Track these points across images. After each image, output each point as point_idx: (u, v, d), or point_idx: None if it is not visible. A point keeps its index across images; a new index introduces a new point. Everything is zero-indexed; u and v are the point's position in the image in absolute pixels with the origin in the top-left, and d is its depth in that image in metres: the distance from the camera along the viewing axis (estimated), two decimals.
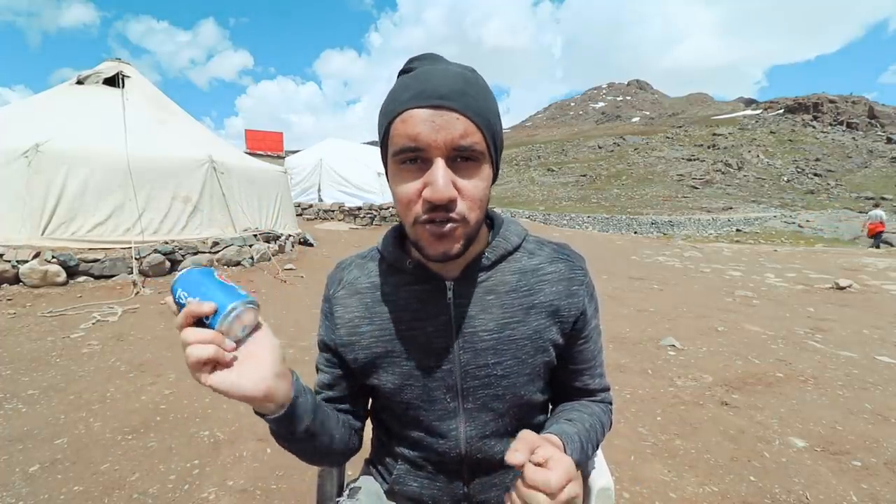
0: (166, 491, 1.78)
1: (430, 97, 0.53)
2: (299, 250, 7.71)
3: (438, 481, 0.73)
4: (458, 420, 0.69)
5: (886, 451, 2.12)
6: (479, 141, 0.55)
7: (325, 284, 0.76)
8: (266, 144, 22.45)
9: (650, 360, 3.33)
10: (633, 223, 32.73)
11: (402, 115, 0.55)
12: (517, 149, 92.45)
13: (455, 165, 0.55)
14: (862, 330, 4.18)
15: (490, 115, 0.57)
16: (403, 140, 0.55)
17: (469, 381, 0.67)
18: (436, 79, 0.55)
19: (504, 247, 0.69)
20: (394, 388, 0.70)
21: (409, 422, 0.72)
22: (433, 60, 0.59)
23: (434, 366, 0.67)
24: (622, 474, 1.92)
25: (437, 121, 0.53)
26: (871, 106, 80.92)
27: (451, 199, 0.54)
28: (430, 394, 0.68)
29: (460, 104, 0.54)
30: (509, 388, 0.68)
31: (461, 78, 0.56)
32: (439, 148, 0.53)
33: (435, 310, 0.67)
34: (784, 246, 16.42)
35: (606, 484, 0.80)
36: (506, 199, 50.80)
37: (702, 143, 72.97)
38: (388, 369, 0.69)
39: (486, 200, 0.59)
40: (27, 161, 5.00)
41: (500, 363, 0.66)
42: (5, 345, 3.28)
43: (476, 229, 0.59)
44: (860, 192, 45.94)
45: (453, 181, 0.55)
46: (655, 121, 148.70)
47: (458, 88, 0.54)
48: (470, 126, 0.54)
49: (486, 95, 0.58)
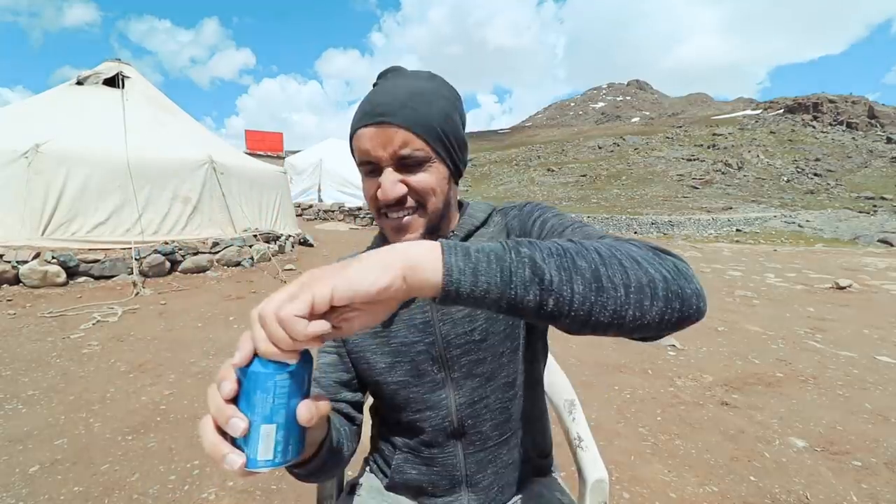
0: (166, 491, 1.78)
1: (373, 115, 0.63)
2: (299, 250, 7.71)
3: (436, 465, 0.76)
4: (447, 389, 0.74)
5: (886, 451, 2.12)
6: (421, 147, 0.64)
7: None
8: (266, 145, 22.45)
9: (650, 360, 3.33)
10: (633, 223, 32.73)
11: (356, 133, 0.66)
12: (517, 149, 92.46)
13: (404, 169, 0.65)
14: (862, 330, 4.18)
15: (433, 122, 0.64)
16: (359, 154, 0.66)
17: (452, 351, 0.73)
18: (380, 97, 0.64)
19: (471, 223, 0.75)
20: (385, 367, 0.75)
21: (403, 402, 0.76)
22: (394, 75, 0.69)
23: (418, 340, 0.73)
24: (622, 474, 1.92)
25: (380, 137, 0.63)
26: (870, 106, 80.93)
27: (398, 197, 0.64)
28: (418, 367, 0.74)
29: (399, 118, 0.62)
30: (488, 350, 0.73)
31: (406, 92, 0.64)
32: (385, 159, 0.64)
33: None
34: (784, 246, 16.41)
35: (601, 476, 0.81)
36: (506, 200, 50.79)
37: (702, 143, 72.98)
38: (379, 349, 0.75)
39: (441, 189, 0.67)
40: (27, 161, 5.00)
41: (475, 328, 0.72)
42: (5, 345, 3.28)
43: (436, 216, 0.68)
44: (860, 192, 45.92)
45: (403, 180, 0.64)
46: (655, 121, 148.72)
47: (400, 103, 0.63)
48: (409, 136, 0.63)
49: (433, 102, 0.65)
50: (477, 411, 0.74)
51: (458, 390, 0.74)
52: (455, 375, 0.73)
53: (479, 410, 0.74)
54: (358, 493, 0.81)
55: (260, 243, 6.50)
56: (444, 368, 0.73)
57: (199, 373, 2.93)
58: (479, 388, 0.74)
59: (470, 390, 0.74)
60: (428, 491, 0.78)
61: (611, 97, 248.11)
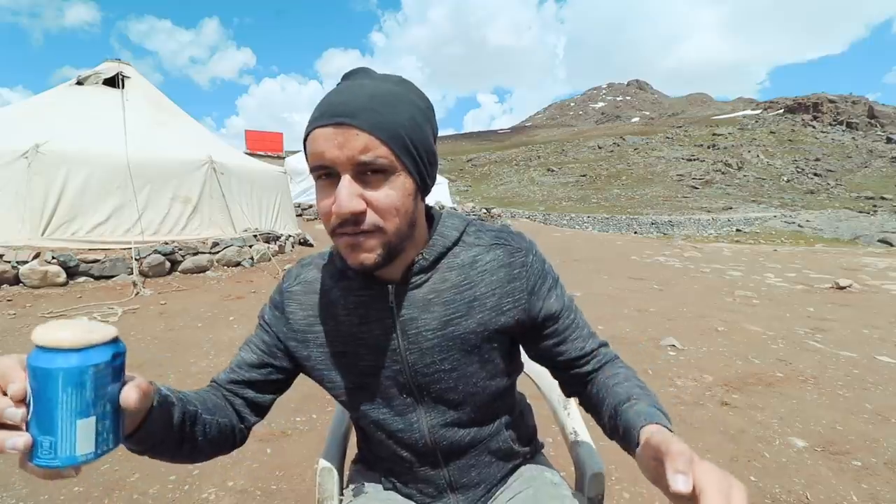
0: (166, 491, 1.78)
1: (333, 115, 0.55)
2: (299, 250, 7.72)
3: (419, 474, 0.76)
4: (417, 413, 0.72)
5: (886, 451, 2.12)
6: (385, 154, 0.55)
7: (283, 276, 0.78)
8: (266, 145, 22.45)
9: (650, 360, 3.33)
10: (633, 223, 32.74)
11: (311, 133, 0.57)
12: (517, 149, 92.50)
13: (364, 179, 0.56)
14: (862, 330, 4.18)
15: (398, 128, 0.56)
16: (313, 158, 0.57)
17: (419, 379, 0.70)
18: (341, 97, 0.56)
19: (442, 244, 0.68)
20: (354, 387, 0.73)
21: (374, 421, 0.74)
22: (360, 76, 0.61)
23: (384, 366, 0.70)
24: (622, 474, 1.92)
25: (339, 138, 0.54)
26: (870, 106, 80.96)
27: (354, 212, 0.55)
28: (386, 391, 0.71)
29: (360, 120, 0.54)
30: (460, 380, 0.70)
31: (369, 94, 0.56)
32: (343, 164, 0.55)
33: (379, 314, 0.68)
34: (784, 246, 16.42)
35: (599, 469, 0.82)
36: (506, 200, 50.82)
37: (702, 143, 73.01)
38: (346, 368, 0.72)
39: (405, 209, 0.59)
40: (27, 162, 5.01)
41: (447, 358, 0.68)
42: (5, 345, 3.28)
43: (398, 238, 0.60)
44: (860, 192, 45.94)
45: (362, 194, 0.56)
46: (655, 121, 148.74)
47: (362, 105, 0.55)
48: (372, 140, 0.54)
49: (399, 108, 0.57)
50: (450, 431, 0.73)
51: (430, 413, 0.72)
52: (425, 400, 0.72)
53: (452, 430, 0.73)
54: (366, 492, 0.81)
55: (260, 243, 6.50)
56: (412, 394, 0.71)
57: (199, 373, 2.93)
58: (450, 411, 0.72)
59: (441, 413, 0.72)
60: (416, 496, 0.79)
61: (611, 97, 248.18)
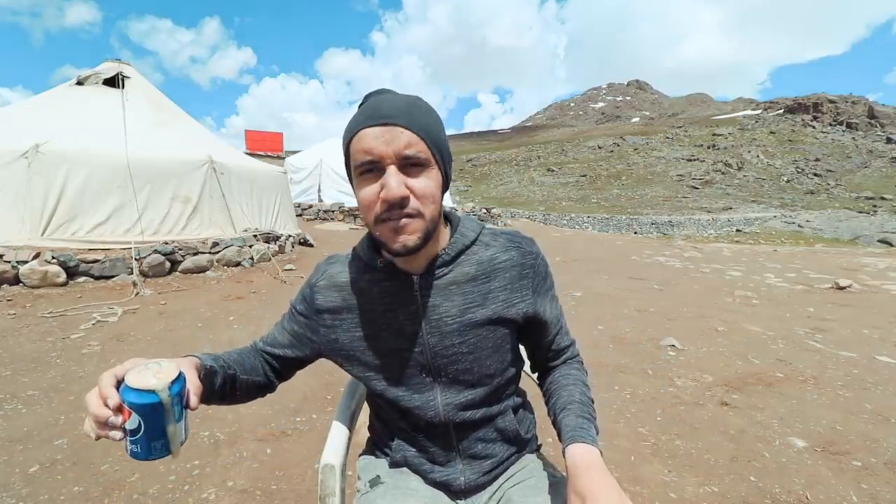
0: (166, 491, 1.78)
1: (379, 117, 0.65)
2: (299, 251, 7.71)
3: (430, 446, 0.84)
4: (434, 391, 0.80)
5: (886, 451, 2.12)
6: (424, 149, 0.66)
7: (313, 270, 0.88)
8: (266, 145, 22.44)
9: (650, 360, 3.33)
10: (633, 223, 32.73)
11: (357, 134, 0.66)
12: (517, 149, 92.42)
13: (406, 171, 0.66)
14: (862, 330, 4.18)
15: (431, 130, 0.68)
16: (360, 155, 0.66)
17: (438, 360, 0.78)
18: (383, 104, 0.67)
19: (462, 242, 0.79)
20: (375, 368, 0.81)
21: (393, 398, 0.81)
22: (388, 92, 0.72)
23: (407, 348, 0.78)
24: (622, 474, 1.92)
25: (386, 136, 0.64)
26: (870, 106, 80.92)
27: (404, 196, 0.65)
28: (406, 371, 0.80)
29: (404, 120, 0.65)
30: (475, 362, 0.78)
31: (405, 101, 0.68)
32: (390, 157, 0.65)
33: (404, 301, 0.78)
34: (784, 246, 16.43)
35: None
36: (506, 200, 50.77)
37: (702, 143, 72.98)
38: (371, 350, 0.80)
39: (438, 198, 0.70)
40: (27, 161, 5.00)
41: (464, 342, 0.77)
42: (5, 345, 3.28)
43: (433, 225, 0.70)
44: (860, 192, 45.91)
45: (405, 182, 0.65)
46: (655, 121, 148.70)
47: (403, 110, 0.66)
48: (413, 137, 0.65)
49: (429, 114, 0.69)
50: (463, 406, 0.81)
51: (446, 392, 0.80)
52: (443, 380, 0.80)
53: (465, 405, 0.81)
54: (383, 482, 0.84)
55: (260, 243, 6.50)
56: (430, 374, 0.79)
57: None
58: (465, 391, 0.80)
59: (456, 392, 0.80)
60: (426, 466, 0.85)
61: (611, 97, 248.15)
